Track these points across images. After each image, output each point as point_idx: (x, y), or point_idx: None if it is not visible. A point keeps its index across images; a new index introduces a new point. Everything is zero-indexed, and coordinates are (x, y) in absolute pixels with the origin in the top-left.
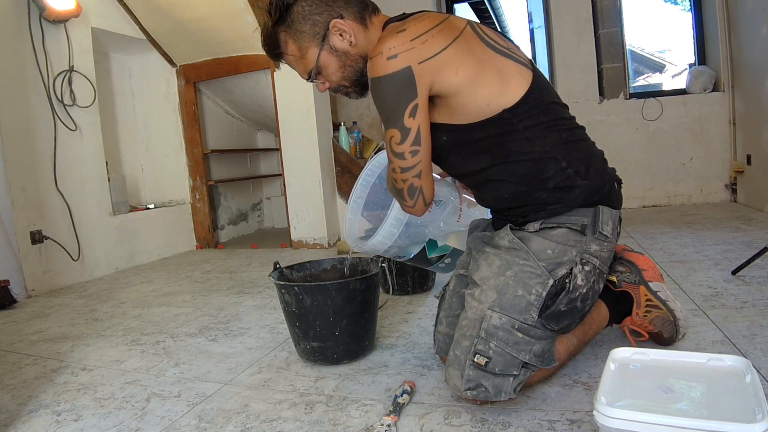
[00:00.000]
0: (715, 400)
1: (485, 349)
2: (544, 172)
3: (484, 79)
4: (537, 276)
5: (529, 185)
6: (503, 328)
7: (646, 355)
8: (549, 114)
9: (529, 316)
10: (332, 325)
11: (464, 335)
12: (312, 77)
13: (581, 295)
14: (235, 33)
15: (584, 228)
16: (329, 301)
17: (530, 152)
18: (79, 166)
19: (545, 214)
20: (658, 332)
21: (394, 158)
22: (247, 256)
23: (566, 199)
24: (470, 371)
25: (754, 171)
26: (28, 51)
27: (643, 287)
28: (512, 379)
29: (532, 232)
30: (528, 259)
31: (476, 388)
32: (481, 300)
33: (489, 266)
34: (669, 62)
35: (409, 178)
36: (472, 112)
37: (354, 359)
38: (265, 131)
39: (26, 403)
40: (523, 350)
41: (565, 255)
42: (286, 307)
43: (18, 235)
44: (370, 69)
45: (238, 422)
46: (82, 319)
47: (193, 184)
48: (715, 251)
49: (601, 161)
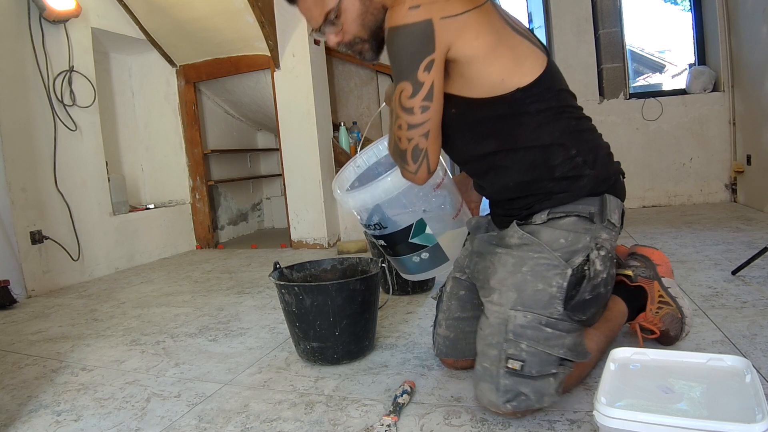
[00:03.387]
0: (715, 400)
1: (516, 352)
2: (552, 160)
3: (501, 53)
4: (554, 267)
5: (536, 174)
6: (530, 326)
7: (646, 355)
8: (559, 100)
9: (555, 310)
10: (332, 325)
11: (489, 344)
12: (327, 22)
13: (603, 280)
14: (235, 33)
15: (592, 216)
16: (329, 301)
17: (539, 138)
18: (79, 166)
19: (551, 204)
20: (665, 330)
21: (401, 113)
22: (247, 256)
23: (573, 188)
24: (505, 380)
25: (754, 171)
26: (28, 51)
27: (656, 283)
28: (552, 379)
29: (540, 224)
30: (542, 251)
31: (516, 398)
32: (501, 302)
33: (503, 267)
34: (669, 62)
35: (416, 137)
36: (486, 85)
37: (354, 359)
38: (265, 131)
39: (26, 403)
40: (556, 345)
41: (579, 242)
42: (287, 307)
43: (18, 235)
44: (390, 18)
45: (238, 422)
46: (82, 319)
47: (193, 184)
48: (715, 251)
49: (607, 153)
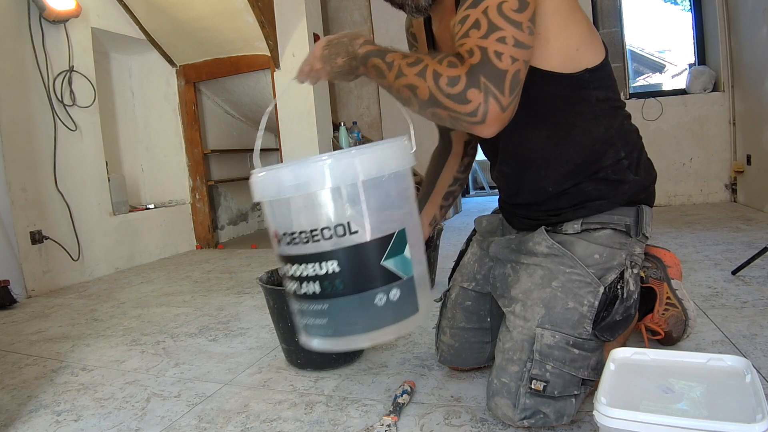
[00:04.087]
0: (715, 400)
1: (541, 372)
2: (600, 159)
3: (579, 18)
4: (587, 285)
5: (580, 173)
6: (558, 347)
7: (646, 355)
8: (616, 92)
9: (583, 330)
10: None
11: (510, 360)
12: None
13: (634, 301)
14: (235, 33)
15: (628, 229)
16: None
17: (593, 131)
18: (79, 166)
19: (585, 212)
20: (669, 331)
21: (506, 24)
22: (247, 256)
23: (612, 195)
24: (527, 400)
25: (754, 171)
26: (28, 51)
27: (666, 284)
28: (574, 399)
29: (573, 234)
30: (574, 266)
31: (534, 416)
32: (527, 317)
33: (530, 277)
34: (669, 62)
35: (521, 60)
36: (561, 53)
37: (354, 359)
38: (265, 131)
39: (26, 403)
40: (581, 366)
41: (614, 259)
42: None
43: (18, 235)
44: None
45: (238, 422)
46: (82, 319)
47: (193, 184)
48: (715, 251)
49: (647, 157)
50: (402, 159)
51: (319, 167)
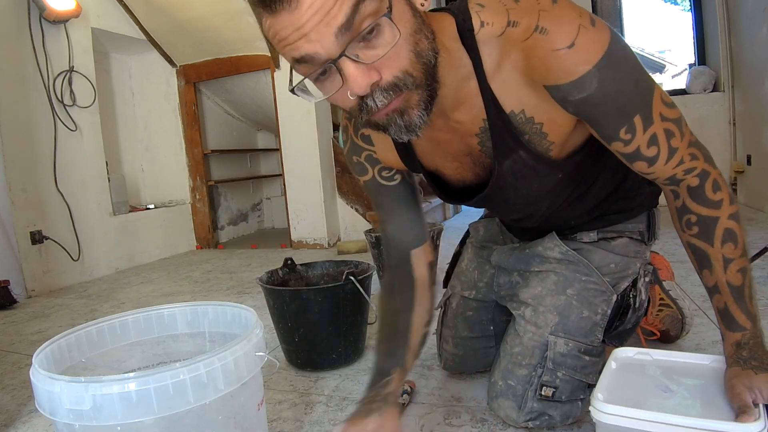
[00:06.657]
0: (713, 399)
1: (551, 379)
2: (623, 188)
3: None
4: (602, 293)
5: (603, 205)
6: (570, 355)
7: (649, 355)
8: None
9: (595, 338)
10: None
11: (518, 364)
12: (359, 37)
13: (645, 309)
14: (235, 33)
15: (642, 236)
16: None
17: (619, 170)
18: (79, 166)
19: (602, 224)
20: (666, 330)
21: (698, 151)
22: (247, 257)
23: (629, 208)
24: (534, 404)
25: (754, 171)
26: (28, 51)
27: (657, 286)
28: (581, 403)
29: (589, 243)
30: (590, 274)
31: (539, 418)
32: (539, 324)
33: (541, 282)
34: (669, 62)
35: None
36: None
37: (354, 360)
38: (265, 131)
39: (26, 403)
40: (591, 372)
41: (629, 268)
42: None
43: (18, 235)
44: (577, 54)
45: None
46: (82, 319)
47: (193, 184)
48: None
49: None
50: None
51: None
